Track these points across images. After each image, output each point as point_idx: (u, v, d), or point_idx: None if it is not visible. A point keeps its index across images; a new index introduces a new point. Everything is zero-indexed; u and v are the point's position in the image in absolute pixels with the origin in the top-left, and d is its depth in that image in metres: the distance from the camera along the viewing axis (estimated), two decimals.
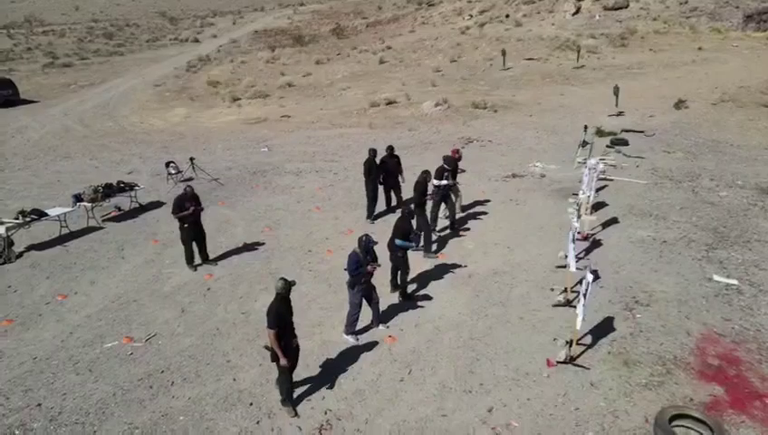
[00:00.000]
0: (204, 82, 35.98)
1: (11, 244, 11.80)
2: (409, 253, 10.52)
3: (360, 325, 8.36)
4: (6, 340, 8.59)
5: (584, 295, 7.07)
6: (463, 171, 12.73)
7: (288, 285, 6.56)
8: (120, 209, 14.37)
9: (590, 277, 7.05)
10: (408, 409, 6.74)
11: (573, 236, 8.54)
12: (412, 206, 10.06)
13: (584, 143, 15.97)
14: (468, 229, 12.12)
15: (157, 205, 14.80)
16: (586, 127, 16.70)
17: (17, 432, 6.55)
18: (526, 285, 9.48)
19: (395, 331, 8.38)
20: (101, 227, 13.21)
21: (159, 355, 7.99)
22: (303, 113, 26.37)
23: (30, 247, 12.12)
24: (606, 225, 11.86)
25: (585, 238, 11.16)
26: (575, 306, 8.62)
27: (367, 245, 7.92)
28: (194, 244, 10.69)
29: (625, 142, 17.97)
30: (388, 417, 6.62)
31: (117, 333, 8.59)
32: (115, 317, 9.10)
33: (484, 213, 12.94)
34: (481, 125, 22.08)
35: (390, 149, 12.83)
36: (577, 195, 9.78)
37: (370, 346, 8.04)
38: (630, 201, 13.16)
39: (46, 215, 12.60)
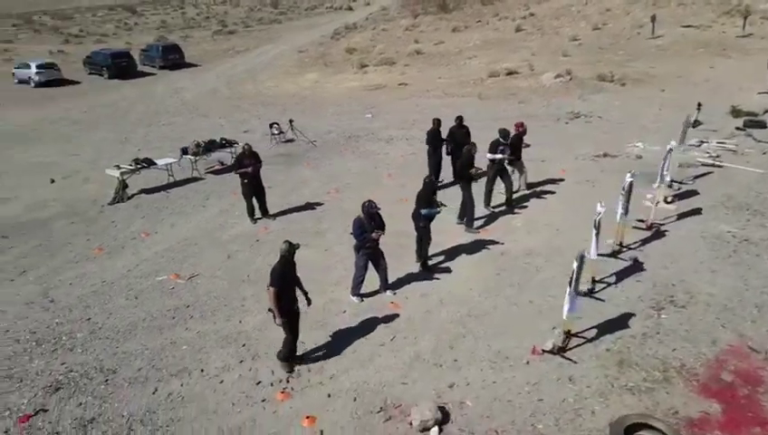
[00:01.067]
0: (342, 49, 37.53)
1: (125, 186, 13.88)
2: (451, 225, 10.50)
3: (369, 289, 8.65)
4: (92, 264, 10.32)
5: (570, 283, 6.61)
6: (527, 146, 12.06)
7: (291, 249, 6.82)
8: (222, 164, 16.01)
9: (575, 265, 6.55)
10: (374, 372, 6.96)
11: (598, 221, 7.86)
12: (433, 176, 9.82)
13: (695, 123, 14.14)
14: (525, 207, 11.61)
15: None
16: (699, 105, 14.71)
17: (64, 338, 8.01)
18: (555, 269, 8.97)
19: (401, 298, 8.54)
20: (202, 178, 14.90)
21: (192, 293, 9.07)
22: (422, 81, 26.48)
23: (141, 191, 14.10)
24: (684, 215, 10.60)
25: (649, 228, 10.13)
26: (599, 298, 8.07)
27: (369, 210, 8.12)
28: (254, 199, 11.69)
29: (762, 125, 15.53)
30: (353, 376, 6.92)
31: (170, 270, 9.87)
32: (175, 256, 10.42)
33: (551, 192, 12.25)
34: (600, 99, 20.43)
35: (459, 119, 12.61)
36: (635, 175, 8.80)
37: (371, 310, 8.31)
38: (731, 191, 11.54)
39: (155, 164, 14.58)
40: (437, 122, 12.48)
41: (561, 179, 12.91)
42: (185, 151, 15.21)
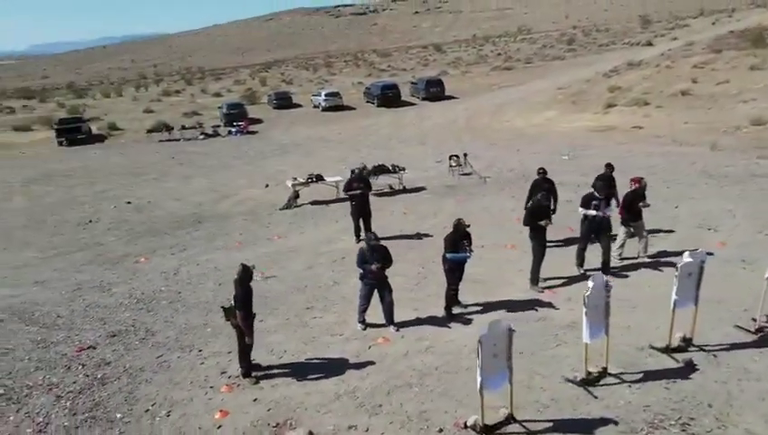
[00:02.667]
0: (605, 88, 35.25)
1: (296, 196, 16.36)
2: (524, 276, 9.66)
3: (377, 319, 8.71)
4: (223, 253, 12.70)
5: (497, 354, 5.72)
6: (647, 205, 9.92)
7: (245, 272, 7.29)
8: (391, 188, 17.34)
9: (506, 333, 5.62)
10: (305, 393, 7.16)
11: (586, 297, 6.41)
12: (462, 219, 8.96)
13: None
14: (626, 277, 9.73)
15: (418, 189, 17.10)
16: None
17: (152, 302, 10.26)
18: (578, 349, 7.51)
19: (397, 335, 8.38)
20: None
21: (260, 289, 10.39)
22: (662, 125, 23.37)
23: (312, 202, 16.39)
24: None
25: (758, 331, 7.56)
26: (592, 392, 6.63)
27: (368, 243, 8.23)
28: (361, 220, 12.58)
29: None
30: (286, 390, 7.26)
31: (266, 268, 11.49)
32: (276, 258, 12.06)
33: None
34: None
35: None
36: None
37: (365, 338, 8.38)
38: None
39: (323, 180, 16.75)
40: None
41: (711, 253, 10.28)
42: (353, 172, 17.01)
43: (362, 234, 12.59)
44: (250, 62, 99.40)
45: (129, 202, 18.10)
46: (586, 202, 9.62)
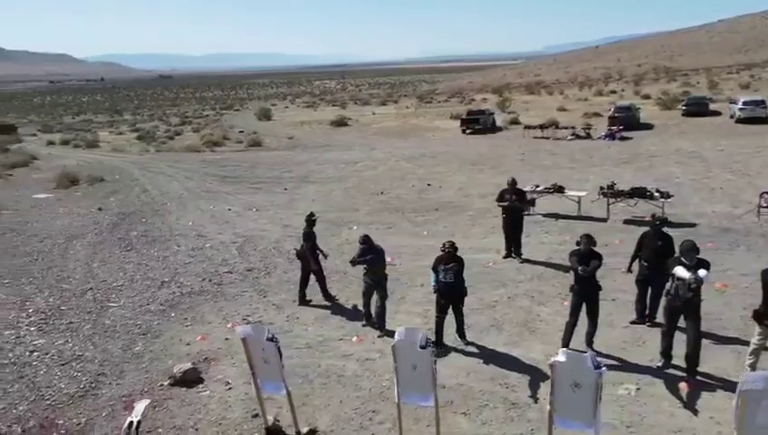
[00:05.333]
0: None
1: (531, 203, 15.71)
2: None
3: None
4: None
5: None
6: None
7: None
8: (654, 217, 14.48)
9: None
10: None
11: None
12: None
13: None
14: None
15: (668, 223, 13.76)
16: None
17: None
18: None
19: (373, 338, 8.43)
20: (603, 220, 14.48)
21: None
22: None
23: (547, 214, 15.42)
24: None
25: None
26: None
27: (360, 241, 8.58)
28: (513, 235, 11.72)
29: None
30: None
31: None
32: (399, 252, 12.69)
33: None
34: None
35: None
36: None
37: (351, 331, 8.81)
38: None
39: (563, 191, 15.39)
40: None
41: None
42: (602, 188, 14.97)
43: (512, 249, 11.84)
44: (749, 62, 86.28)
45: (429, 184, 20.81)
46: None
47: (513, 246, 11.88)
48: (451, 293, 7.98)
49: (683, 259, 6.75)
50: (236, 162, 28.82)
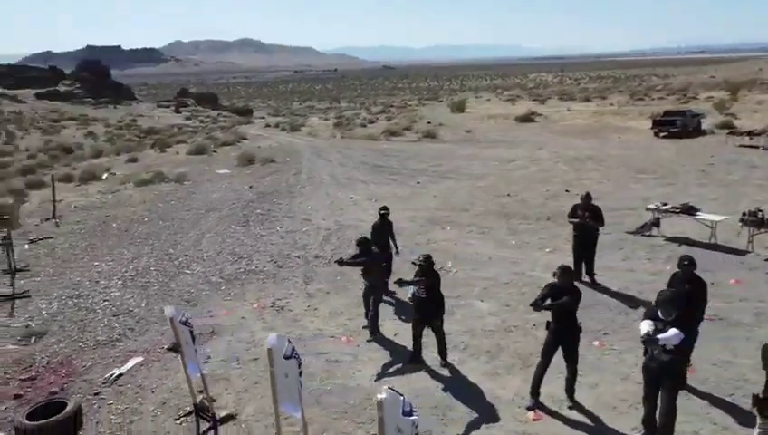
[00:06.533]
0: None
1: (654, 223, 13.47)
2: None
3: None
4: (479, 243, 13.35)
5: None
6: None
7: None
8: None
9: None
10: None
11: None
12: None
13: None
14: None
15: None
16: None
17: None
18: None
19: (361, 340, 8.35)
20: (746, 252, 11.84)
21: None
22: None
23: (670, 238, 13.12)
24: None
25: None
26: None
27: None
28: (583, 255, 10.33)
29: None
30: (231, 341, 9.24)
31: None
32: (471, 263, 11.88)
33: None
34: None
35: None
36: None
37: (345, 331, 8.83)
38: None
39: (694, 214, 12.82)
40: None
41: None
42: (743, 214, 12.12)
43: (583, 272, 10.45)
44: None
45: (567, 190, 19.17)
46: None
47: (584, 266, 10.47)
48: (423, 309, 7.50)
49: (659, 312, 5.40)
50: (398, 152, 29.82)
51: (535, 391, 6.66)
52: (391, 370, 7.67)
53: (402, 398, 4.40)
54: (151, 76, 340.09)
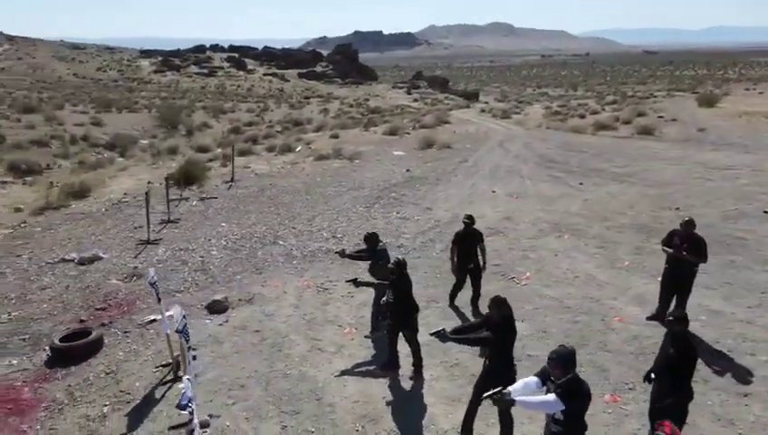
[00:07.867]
0: None
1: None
2: None
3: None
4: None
5: None
6: None
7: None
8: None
9: None
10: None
11: None
12: None
13: None
14: None
15: None
16: None
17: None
18: None
19: (356, 335, 8.22)
20: None
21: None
22: None
23: None
24: None
25: None
26: None
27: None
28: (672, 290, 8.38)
29: None
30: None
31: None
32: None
33: None
34: None
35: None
36: None
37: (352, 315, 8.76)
38: None
39: None
40: None
41: None
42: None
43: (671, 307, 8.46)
44: None
45: (765, 211, 15.41)
46: None
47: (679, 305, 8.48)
48: (393, 314, 7.08)
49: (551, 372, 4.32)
50: (591, 148, 27.07)
51: (466, 429, 5.85)
52: (360, 369, 7.48)
53: (185, 391, 4.42)
54: (404, 59, 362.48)
